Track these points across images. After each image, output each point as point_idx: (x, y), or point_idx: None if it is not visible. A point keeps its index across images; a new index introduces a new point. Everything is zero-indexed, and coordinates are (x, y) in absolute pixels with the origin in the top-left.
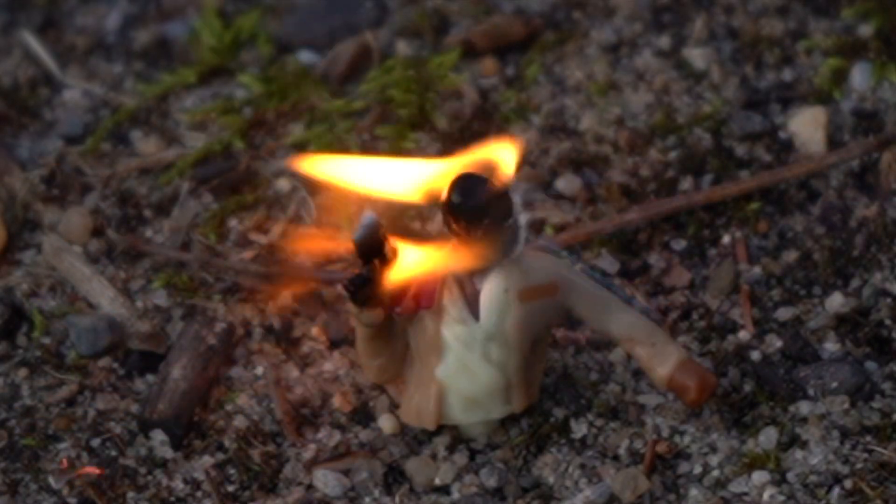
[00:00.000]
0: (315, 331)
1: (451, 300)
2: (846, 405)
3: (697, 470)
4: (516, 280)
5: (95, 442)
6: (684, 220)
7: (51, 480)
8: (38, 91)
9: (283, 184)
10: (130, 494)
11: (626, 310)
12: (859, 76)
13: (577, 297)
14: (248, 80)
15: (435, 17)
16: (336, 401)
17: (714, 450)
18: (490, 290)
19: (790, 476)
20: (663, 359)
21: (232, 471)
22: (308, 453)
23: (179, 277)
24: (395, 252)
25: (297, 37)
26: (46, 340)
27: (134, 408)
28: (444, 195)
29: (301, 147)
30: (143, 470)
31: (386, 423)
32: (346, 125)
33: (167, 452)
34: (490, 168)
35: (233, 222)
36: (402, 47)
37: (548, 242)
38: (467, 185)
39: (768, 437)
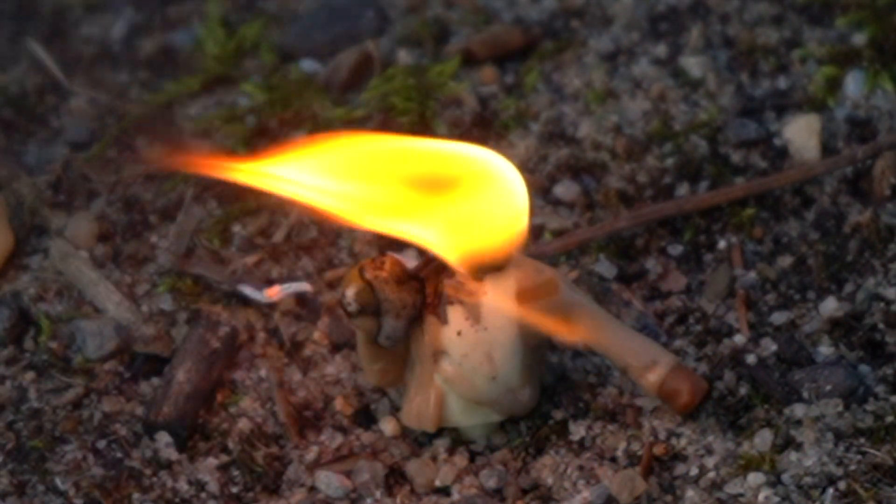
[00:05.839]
0: (317, 335)
1: (451, 303)
2: (840, 408)
3: (694, 472)
4: (515, 283)
5: (101, 444)
6: (681, 226)
7: (57, 482)
8: (45, 99)
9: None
10: (136, 496)
11: (618, 324)
12: (853, 84)
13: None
14: (251, 88)
15: (435, 27)
16: (338, 403)
17: (710, 452)
18: (489, 293)
19: (785, 478)
20: (653, 366)
21: (236, 472)
22: (311, 455)
23: (184, 282)
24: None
25: (299, 46)
26: (53, 344)
27: (139, 410)
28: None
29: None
30: (148, 471)
31: (387, 425)
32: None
33: (172, 454)
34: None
35: (236, 228)
36: (403, 56)
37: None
38: None
39: (763, 440)
